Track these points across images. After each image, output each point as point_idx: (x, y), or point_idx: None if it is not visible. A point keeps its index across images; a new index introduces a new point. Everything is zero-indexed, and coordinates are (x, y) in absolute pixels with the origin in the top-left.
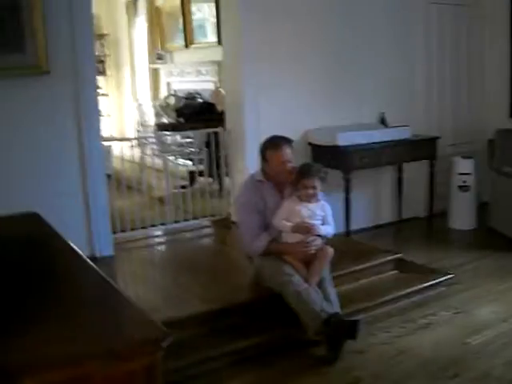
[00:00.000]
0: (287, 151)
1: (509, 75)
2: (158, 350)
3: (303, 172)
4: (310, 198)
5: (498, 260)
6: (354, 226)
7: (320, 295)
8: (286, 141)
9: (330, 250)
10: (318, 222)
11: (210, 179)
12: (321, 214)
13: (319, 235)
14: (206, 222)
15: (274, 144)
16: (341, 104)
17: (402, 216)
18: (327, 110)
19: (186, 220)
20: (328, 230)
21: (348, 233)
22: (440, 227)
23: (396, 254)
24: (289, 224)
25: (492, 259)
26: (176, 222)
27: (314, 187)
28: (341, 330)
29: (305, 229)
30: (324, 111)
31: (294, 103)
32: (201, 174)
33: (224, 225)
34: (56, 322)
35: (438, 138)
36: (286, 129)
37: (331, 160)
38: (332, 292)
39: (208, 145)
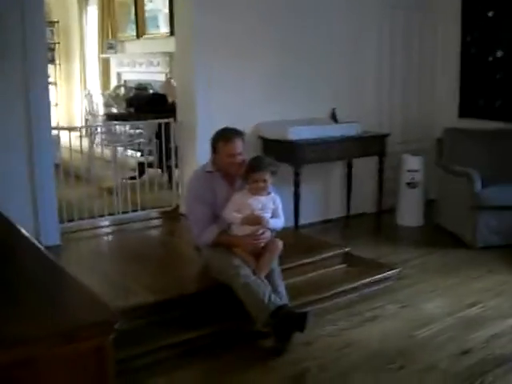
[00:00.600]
0: (238, 144)
1: (458, 76)
2: (109, 331)
3: (254, 165)
4: (260, 192)
5: (444, 256)
6: (303, 221)
7: (269, 287)
8: (237, 133)
9: (280, 243)
10: (267, 215)
11: (160, 171)
12: (271, 207)
13: (269, 228)
14: (154, 213)
15: (225, 136)
16: (292, 98)
17: (350, 211)
18: (279, 104)
19: (134, 211)
20: (278, 223)
21: (297, 227)
22: (388, 223)
23: (344, 248)
24: (239, 216)
25: (438, 255)
26: (124, 212)
27: (264, 180)
28: (289, 321)
29: (254, 220)
30: (275, 105)
31: (245, 96)
32: (150, 165)
33: (172, 216)
34: (2, 304)
35: (387, 135)
36: (237, 121)
37: (281, 154)
38: (281, 284)
39: (158, 136)
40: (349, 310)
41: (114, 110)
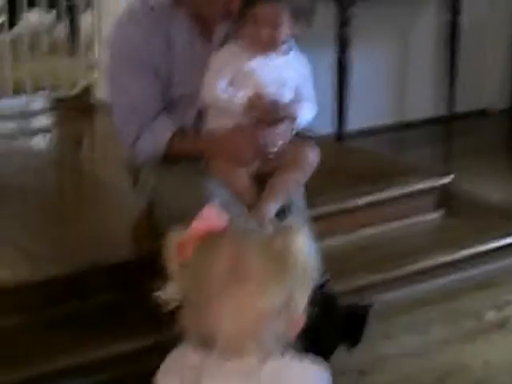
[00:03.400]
0: None
1: None
2: None
3: None
4: (262, 47)
5: None
6: (354, 123)
7: None
8: None
9: (313, 155)
10: (288, 95)
11: (52, 14)
12: (293, 81)
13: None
14: (40, 100)
15: None
16: None
17: (455, 106)
18: None
19: None
20: (306, 111)
21: (341, 135)
22: None
23: (442, 176)
24: (240, 95)
25: None
26: None
27: (278, 24)
28: (329, 323)
29: (269, 106)
30: None
31: None
32: (32, 2)
33: (79, 107)
34: None
35: None
36: None
37: None
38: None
39: None
40: (448, 305)
41: None
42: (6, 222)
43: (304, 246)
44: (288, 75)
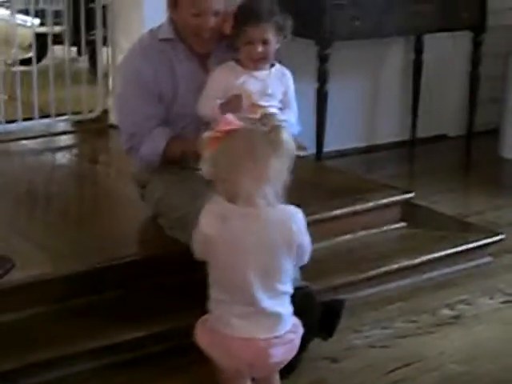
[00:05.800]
0: None
1: None
2: None
3: (246, 15)
4: (259, 62)
5: None
6: (330, 145)
7: None
8: None
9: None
10: (274, 106)
11: (75, 50)
12: (280, 91)
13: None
14: (64, 123)
15: None
16: None
17: (417, 132)
18: None
19: (28, 119)
20: (290, 116)
21: (319, 155)
22: (483, 155)
23: (405, 193)
24: (218, 101)
25: None
26: (10, 122)
27: (264, 41)
28: (307, 317)
29: (238, 101)
30: None
31: None
32: (57, 40)
33: (96, 129)
34: None
35: None
36: None
37: (294, 19)
38: None
39: None
40: (409, 303)
41: None
42: (33, 224)
43: (287, 137)
44: (273, 86)
